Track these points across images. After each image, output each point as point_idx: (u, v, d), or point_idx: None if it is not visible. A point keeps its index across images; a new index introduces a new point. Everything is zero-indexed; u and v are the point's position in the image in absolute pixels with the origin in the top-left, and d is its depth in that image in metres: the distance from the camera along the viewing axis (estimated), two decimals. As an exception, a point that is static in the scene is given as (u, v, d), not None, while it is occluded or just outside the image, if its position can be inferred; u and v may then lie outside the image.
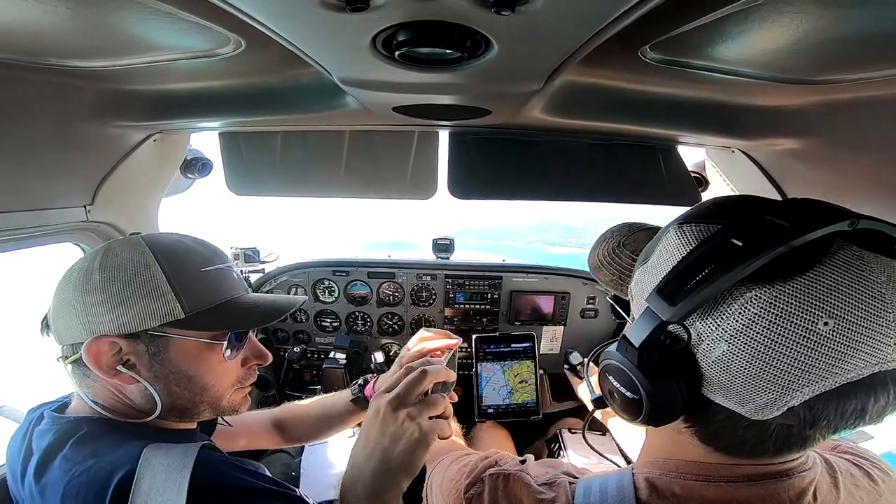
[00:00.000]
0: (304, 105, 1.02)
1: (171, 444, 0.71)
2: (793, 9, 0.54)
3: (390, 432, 0.75)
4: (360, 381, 1.28)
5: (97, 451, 0.68)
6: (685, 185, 1.39)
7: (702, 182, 1.58)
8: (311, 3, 0.44)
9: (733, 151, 1.28)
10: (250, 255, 2.16)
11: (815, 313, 0.43)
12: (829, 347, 0.43)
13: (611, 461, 1.08)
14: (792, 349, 0.43)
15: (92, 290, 0.72)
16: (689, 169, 1.43)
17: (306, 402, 1.37)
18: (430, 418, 0.78)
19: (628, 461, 1.42)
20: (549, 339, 2.26)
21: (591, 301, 2.23)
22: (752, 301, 0.45)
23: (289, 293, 2.24)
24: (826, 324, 0.42)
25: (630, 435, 1.46)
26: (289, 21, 0.52)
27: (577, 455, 1.74)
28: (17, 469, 0.74)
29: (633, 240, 0.72)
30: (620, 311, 0.77)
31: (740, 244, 0.46)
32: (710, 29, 0.59)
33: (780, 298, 0.44)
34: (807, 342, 0.43)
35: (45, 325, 0.80)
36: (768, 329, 0.44)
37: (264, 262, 2.21)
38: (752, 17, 0.56)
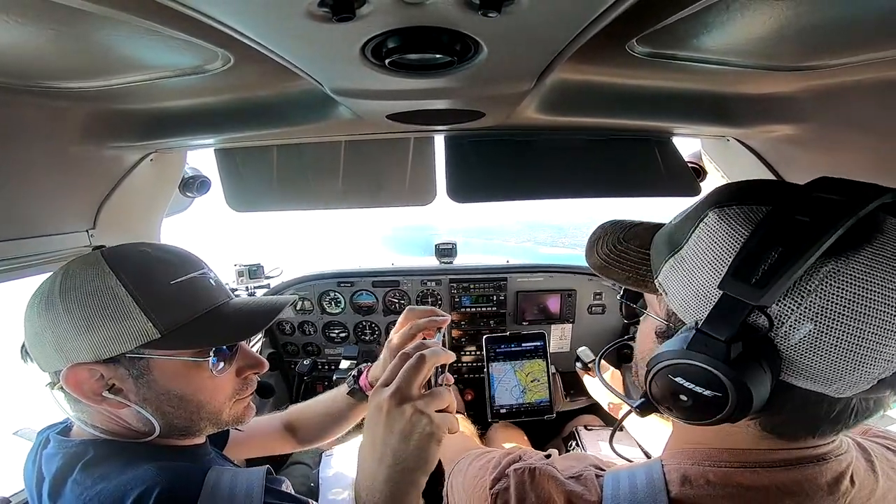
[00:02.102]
0: (297, 117, 1.02)
1: (235, 470, 0.72)
2: None
3: (399, 429, 0.67)
4: (355, 371, 1.25)
5: (106, 475, 0.67)
6: (683, 176, 1.38)
7: (699, 172, 1.58)
8: (296, 15, 0.45)
9: (728, 140, 1.28)
10: (255, 271, 2.17)
11: (893, 278, 0.43)
12: None
13: (627, 460, 1.07)
14: (881, 317, 0.43)
15: (56, 317, 0.68)
16: (687, 159, 1.44)
17: (311, 402, 1.34)
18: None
19: (648, 457, 1.41)
20: (559, 338, 2.26)
21: (597, 297, 2.23)
22: (831, 275, 0.44)
23: (295, 307, 2.25)
24: None
25: (648, 430, 1.44)
26: (275, 34, 0.52)
27: (595, 453, 1.73)
28: (33, 492, 0.73)
29: (633, 234, 0.71)
30: (635, 307, 0.74)
31: (808, 220, 0.45)
32: (693, 20, 0.60)
33: (858, 269, 0.43)
34: (893, 306, 0.43)
35: (25, 352, 0.76)
36: (854, 301, 0.43)
37: (269, 278, 2.22)
38: (734, 6, 0.56)
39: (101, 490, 0.64)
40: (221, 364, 0.79)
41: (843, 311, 0.44)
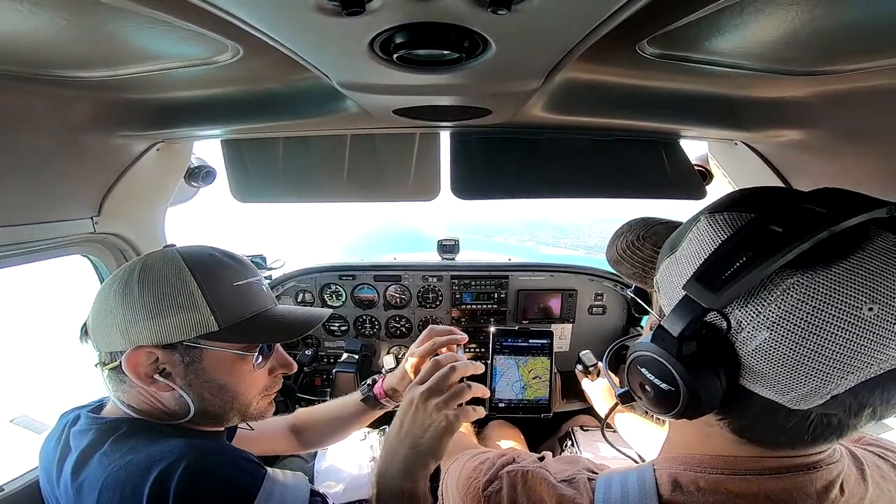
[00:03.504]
0: (304, 110, 1.02)
1: (287, 472, 0.81)
2: (787, 0, 0.53)
3: (420, 421, 0.85)
4: (369, 381, 1.30)
5: (136, 447, 0.72)
6: (689, 179, 1.38)
7: (706, 175, 1.57)
8: (306, 9, 0.44)
9: (736, 144, 1.27)
10: (258, 263, 2.17)
11: (859, 298, 0.42)
12: (874, 333, 0.42)
13: (629, 457, 1.07)
14: (836, 335, 0.43)
15: (131, 302, 0.76)
16: (693, 162, 1.43)
17: (319, 407, 1.39)
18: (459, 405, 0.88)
19: (641, 460, 1.41)
20: (558, 337, 2.25)
21: (598, 298, 2.22)
22: (794, 287, 0.44)
23: (296, 298, 2.26)
24: (871, 309, 0.42)
25: (639, 432, 1.45)
26: (285, 27, 0.52)
27: (590, 453, 1.73)
28: (52, 471, 0.77)
29: (653, 233, 0.72)
30: (643, 304, 0.76)
31: (780, 230, 0.46)
32: (705, 23, 0.59)
33: (823, 284, 0.43)
34: (851, 328, 0.42)
35: (84, 332, 0.83)
36: (812, 315, 0.43)
37: (271, 269, 2.22)
38: (748, 9, 0.56)
39: (129, 461, 0.69)
40: (261, 360, 0.88)
41: (798, 323, 0.44)
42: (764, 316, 0.46)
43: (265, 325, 0.86)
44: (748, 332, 0.47)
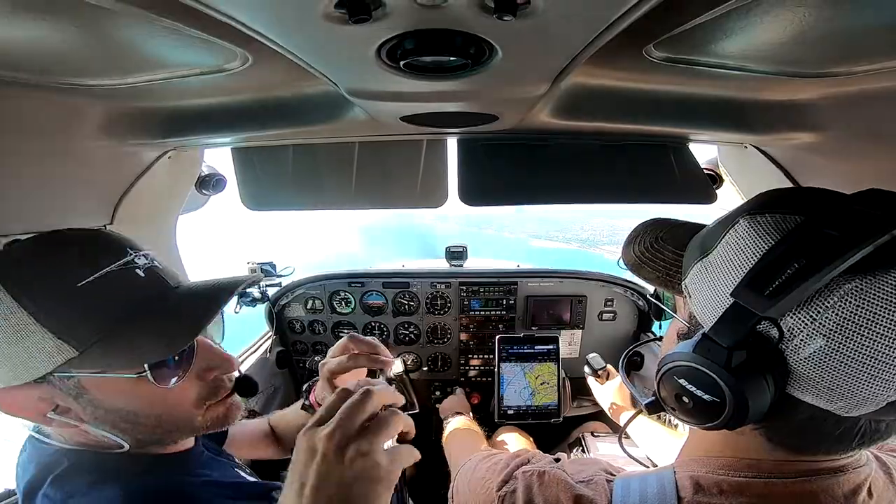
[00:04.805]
0: (312, 118, 1.03)
1: None
2: (794, 2, 0.53)
3: (336, 478, 0.53)
4: (305, 386, 1.16)
5: (73, 493, 0.61)
6: (699, 183, 1.37)
7: (716, 179, 1.56)
8: (314, 17, 0.45)
9: (746, 147, 1.26)
10: (267, 270, 2.19)
11: None
12: None
13: (642, 464, 1.06)
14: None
15: None
16: (703, 166, 1.42)
17: (288, 410, 1.28)
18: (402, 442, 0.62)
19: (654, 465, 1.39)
20: (568, 343, 2.24)
21: (608, 304, 2.21)
22: (852, 293, 0.43)
23: (306, 305, 2.26)
24: None
25: (652, 438, 1.43)
26: (293, 35, 0.53)
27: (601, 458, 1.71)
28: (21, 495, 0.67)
29: (672, 234, 0.70)
30: (667, 308, 0.75)
31: (836, 234, 0.45)
32: (713, 25, 0.59)
33: (882, 289, 0.42)
34: None
35: None
36: (871, 321, 0.42)
37: (281, 276, 2.23)
38: (755, 11, 0.55)
39: None
40: (173, 376, 0.66)
41: (858, 330, 0.43)
42: (819, 323, 0.44)
43: (146, 331, 0.62)
44: (801, 340, 0.46)
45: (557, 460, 0.73)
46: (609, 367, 1.71)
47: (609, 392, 1.60)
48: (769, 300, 0.45)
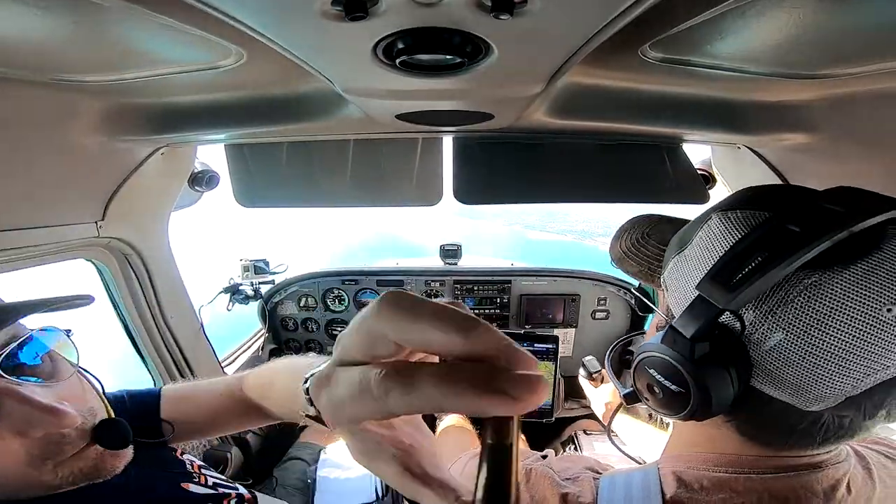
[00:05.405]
0: (307, 115, 1.02)
1: None
2: (789, 3, 0.53)
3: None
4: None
5: None
6: (692, 183, 1.38)
7: (709, 179, 1.57)
8: (310, 14, 0.45)
9: (739, 148, 1.27)
10: (260, 267, 2.18)
11: (877, 300, 0.42)
12: (893, 334, 0.42)
13: (633, 459, 1.07)
14: (854, 337, 0.42)
15: None
16: (696, 167, 1.43)
17: (269, 370, 0.88)
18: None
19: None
20: (561, 342, 2.25)
21: (601, 302, 2.22)
22: (811, 288, 0.44)
23: (299, 303, 2.26)
24: (890, 310, 0.41)
25: (640, 436, 1.44)
26: (288, 32, 0.53)
27: (593, 457, 1.73)
28: None
29: (658, 230, 0.72)
30: (648, 302, 0.76)
31: (798, 230, 0.45)
32: (708, 26, 0.59)
33: (841, 284, 0.43)
34: (870, 329, 0.42)
35: None
36: (829, 316, 0.43)
37: (274, 274, 2.22)
38: (750, 12, 0.55)
39: None
40: None
41: (814, 324, 0.43)
42: (779, 317, 0.45)
43: None
44: (762, 333, 0.46)
45: (545, 457, 0.73)
46: (604, 371, 1.72)
47: (603, 396, 1.61)
48: (730, 293, 0.45)
